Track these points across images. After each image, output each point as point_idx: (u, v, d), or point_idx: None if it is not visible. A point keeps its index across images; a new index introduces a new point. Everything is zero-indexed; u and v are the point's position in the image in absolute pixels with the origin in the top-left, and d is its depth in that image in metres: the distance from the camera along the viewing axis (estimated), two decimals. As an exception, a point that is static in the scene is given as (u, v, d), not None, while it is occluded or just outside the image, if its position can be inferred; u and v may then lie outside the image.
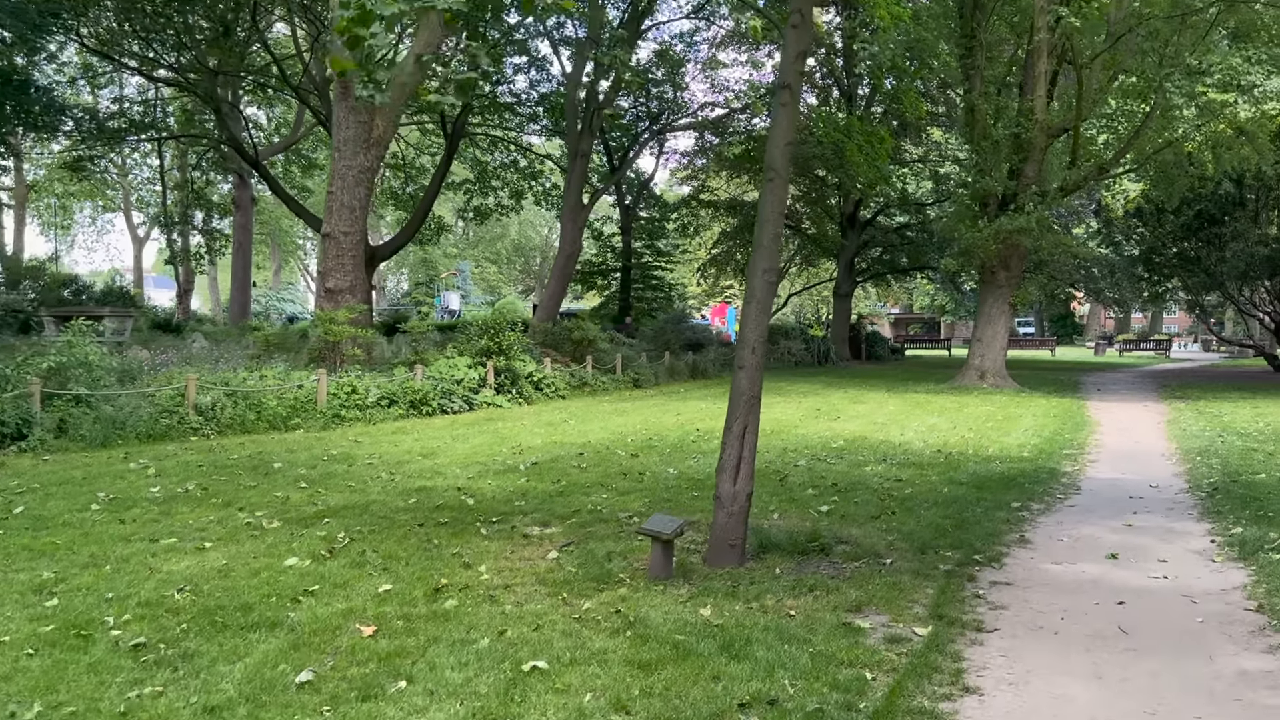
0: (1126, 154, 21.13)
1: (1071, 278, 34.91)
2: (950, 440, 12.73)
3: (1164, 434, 13.95)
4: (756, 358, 6.39)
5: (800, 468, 10.23)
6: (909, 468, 10.28)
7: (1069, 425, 14.89)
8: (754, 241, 6.41)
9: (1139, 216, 31.02)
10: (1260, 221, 27.84)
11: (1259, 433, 13.44)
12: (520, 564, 6.22)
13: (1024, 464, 10.68)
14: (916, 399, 19.52)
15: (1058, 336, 56.19)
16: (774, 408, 17.48)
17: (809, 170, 33.70)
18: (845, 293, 38.12)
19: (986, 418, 15.85)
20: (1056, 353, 46.85)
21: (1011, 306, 22.46)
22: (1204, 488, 9.05)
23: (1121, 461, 11.14)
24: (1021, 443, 12.55)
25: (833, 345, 36.88)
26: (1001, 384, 21.86)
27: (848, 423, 15.03)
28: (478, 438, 12.52)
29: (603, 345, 21.50)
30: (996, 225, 20.40)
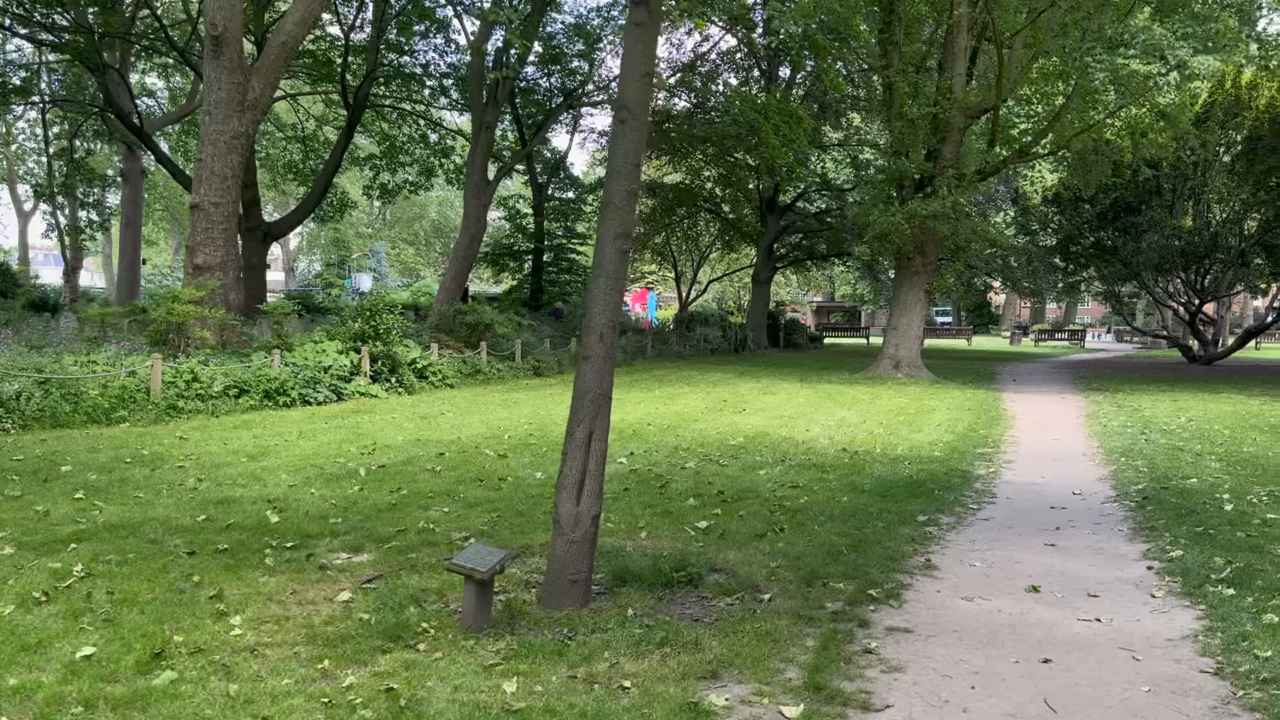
0: (1046, 136, 20.42)
1: (988, 266, 34.53)
2: (858, 437, 11.66)
3: (1084, 430, 13.13)
4: (606, 346, 5.09)
5: (687, 471, 9.00)
6: (809, 471, 9.13)
7: (984, 420, 14.00)
8: (603, 199, 5.11)
9: (1056, 205, 30.70)
10: (1175, 212, 27.65)
11: (1182, 430, 12.69)
12: (296, 610, 4.84)
13: (934, 465, 9.63)
14: (829, 390, 18.55)
15: (974, 326, 56.42)
16: (679, 399, 16.33)
17: (727, 153, 32.63)
18: (764, 279, 37.22)
19: (898, 411, 14.89)
20: (973, 342, 46.82)
21: (928, 294, 21.67)
22: (1132, 496, 8.08)
23: (1040, 463, 10.18)
24: (933, 440, 11.55)
25: (750, 333, 35.97)
26: (916, 374, 21.06)
27: (753, 416, 13.90)
28: (330, 434, 11.02)
29: (501, 330, 20.03)
30: (911, 209, 19.52)
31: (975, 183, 20.32)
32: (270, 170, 38.83)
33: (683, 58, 34.04)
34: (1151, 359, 33.88)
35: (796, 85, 35.04)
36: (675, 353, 30.53)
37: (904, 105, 19.97)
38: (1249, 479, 8.83)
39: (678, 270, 44.22)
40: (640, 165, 5.03)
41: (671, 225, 38.98)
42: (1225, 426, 13.03)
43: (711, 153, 33.51)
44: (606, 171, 5.12)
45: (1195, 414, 14.70)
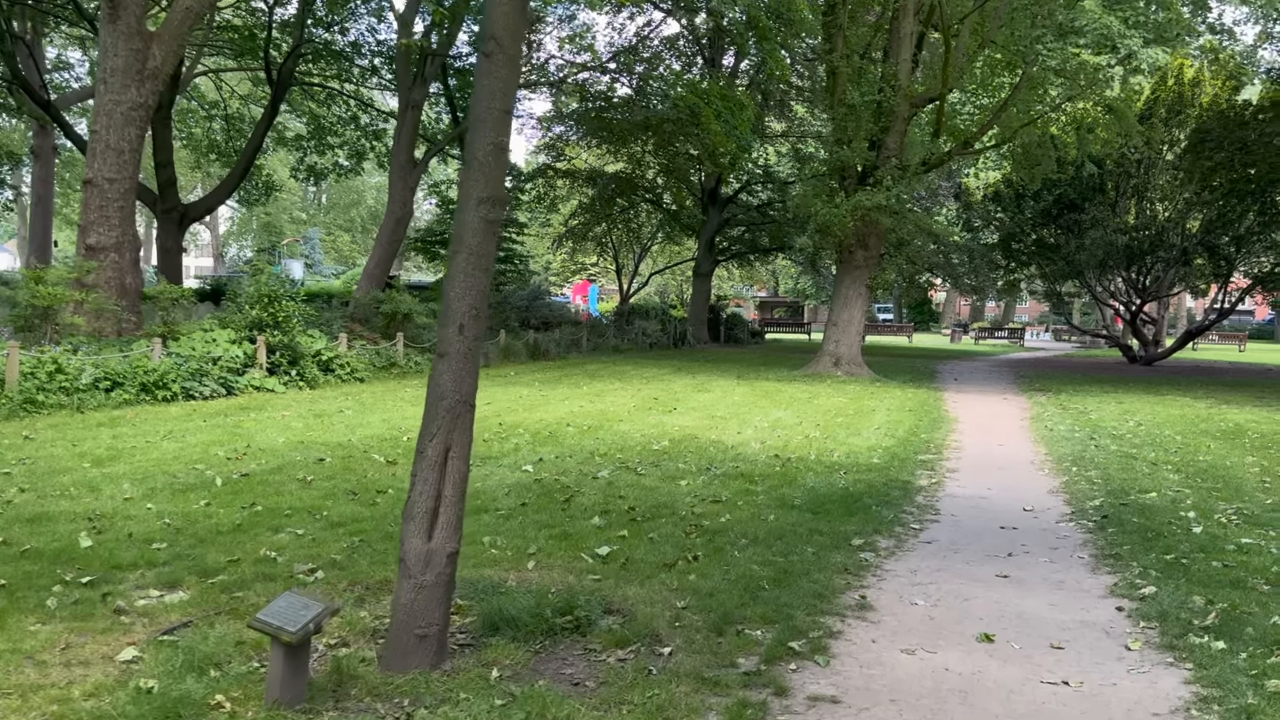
0: (992, 128, 19.80)
1: (930, 262, 34.09)
2: (792, 441, 10.77)
3: (1029, 435, 12.42)
4: (468, 341, 4.06)
5: (599, 482, 8.00)
6: (735, 481, 8.19)
7: (926, 422, 13.23)
8: (464, 156, 4.08)
9: (998, 201, 30.30)
10: (1118, 210, 27.36)
11: (1132, 435, 12.03)
12: (57, 675, 3.74)
13: (873, 475, 8.77)
14: (766, 387, 17.70)
15: (915, 323, 56.32)
16: (607, 396, 15.34)
17: (669, 141, 31.67)
18: (705, 272, 36.37)
19: (837, 411, 14.07)
20: (914, 339, 46.58)
21: (869, 289, 20.96)
22: (1089, 514, 7.28)
23: (986, 472, 9.38)
24: (872, 445, 10.71)
25: (690, 327, 35.10)
26: (856, 372, 20.33)
27: (683, 416, 12.96)
28: (203, 434, 9.80)
29: (421, 320, 18.80)
30: (854, 201, 18.74)
31: (919, 174, 19.62)
32: (194, 150, 37.06)
33: (625, 42, 33.05)
34: (1092, 358, 33.74)
35: (741, 74, 34.24)
36: (612, 346, 29.52)
37: (847, 92, 19.18)
38: (1212, 493, 8.10)
39: (619, 262, 43.20)
40: (511, 111, 4.00)
41: (612, 216, 37.91)
42: (1176, 432, 12.41)
43: (653, 142, 32.55)
44: (469, 119, 4.09)
45: (1143, 418, 14.12)
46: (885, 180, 18.78)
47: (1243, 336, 44.42)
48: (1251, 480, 8.77)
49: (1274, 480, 8.81)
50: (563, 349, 25.99)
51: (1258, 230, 25.01)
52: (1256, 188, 21.34)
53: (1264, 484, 8.62)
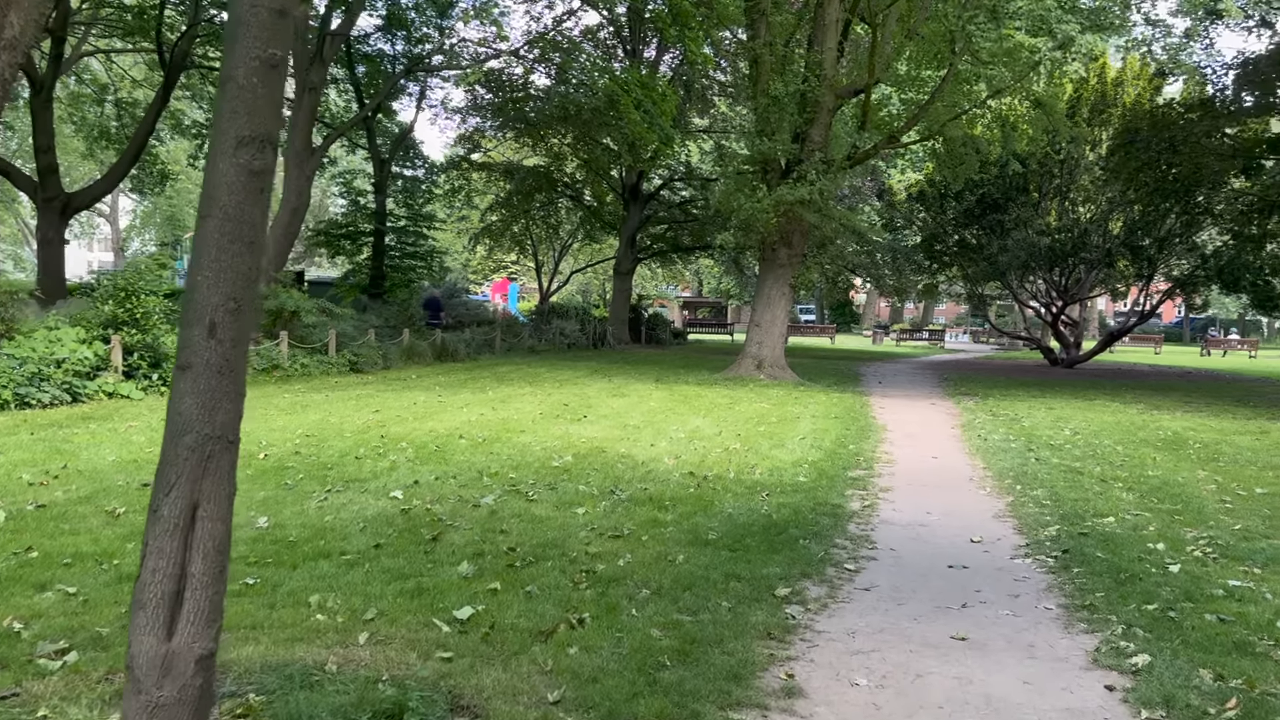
0: (919, 121, 19.07)
1: (854, 262, 33.56)
2: (710, 455, 9.67)
3: (963, 445, 11.55)
4: (223, 347, 2.77)
5: (480, 511, 6.76)
6: (643, 508, 7.04)
7: (853, 431, 12.28)
8: (220, 77, 2.83)
9: (921, 201, 29.85)
10: (1041, 210, 27.09)
11: (1070, 445, 11.24)
12: None
13: (799, 497, 7.70)
14: (686, 392, 16.62)
15: (837, 324, 56.14)
16: (513, 402, 14.07)
17: (589, 135, 30.49)
18: (626, 270, 35.23)
19: (760, 419, 13.04)
20: (836, 340, 46.24)
21: (793, 289, 20.06)
22: (1047, 546, 6.30)
23: (923, 492, 8.40)
24: (798, 459, 9.67)
25: (611, 327, 33.94)
26: (780, 375, 19.41)
27: (592, 425, 11.77)
28: (20, 451, 8.27)
29: (309, 319, 17.25)
30: (777, 195, 17.80)
31: (845, 168, 18.80)
32: (86, 138, 34.70)
33: (542, 29, 31.73)
34: (1013, 360, 33.59)
35: (663, 66, 33.23)
36: (528, 347, 28.20)
37: (770, 82, 18.23)
38: (1173, 518, 7.23)
39: (538, 260, 41.84)
40: (289, 14, 2.76)
41: (531, 212, 36.55)
42: (1115, 441, 11.68)
43: (572, 135, 31.33)
44: (227, 26, 2.83)
45: (1078, 425, 13.41)
46: (809, 174, 17.88)
47: (1159, 339, 45.12)
48: (1210, 500, 7.95)
49: (1234, 499, 8.01)
50: (473, 350, 24.58)
51: (1179, 231, 24.93)
52: (1180, 188, 21.13)
53: (1224, 504, 7.80)
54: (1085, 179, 26.74)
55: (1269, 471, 9.52)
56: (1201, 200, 22.45)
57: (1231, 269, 24.09)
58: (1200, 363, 36.48)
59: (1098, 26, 14.33)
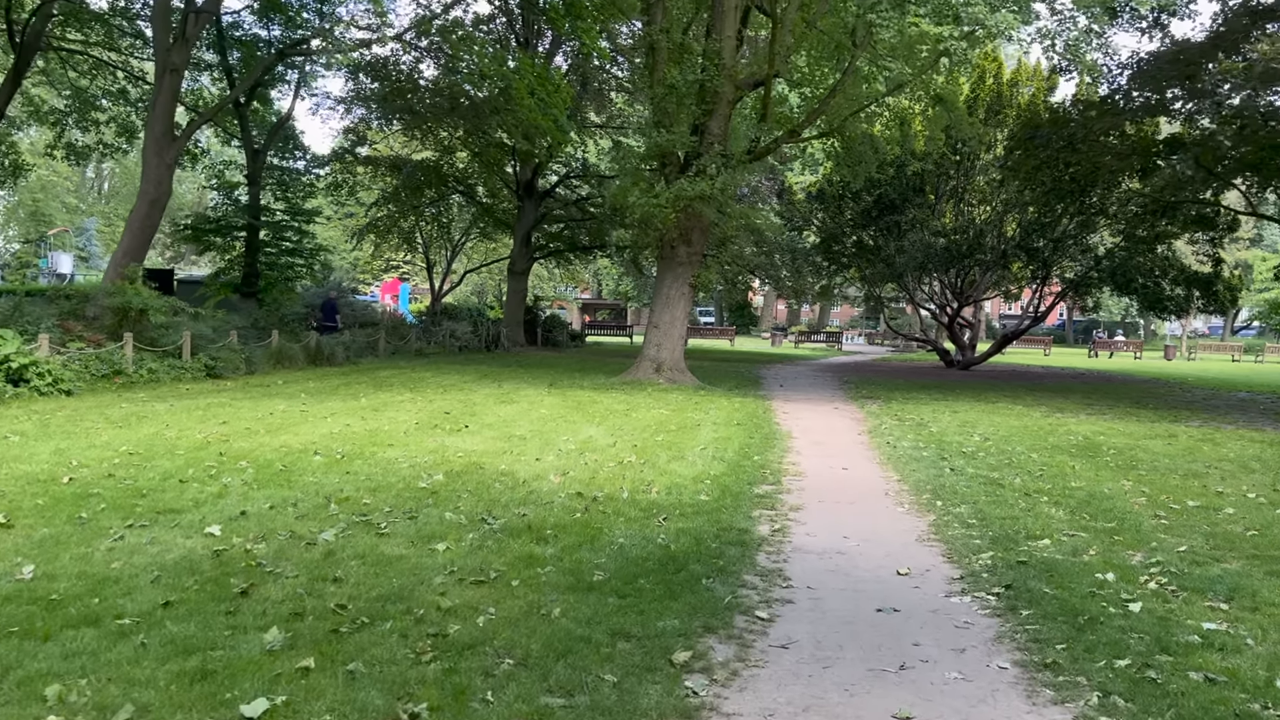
0: (821, 115, 18.44)
1: (752, 263, 33.05)
2: (602, 471, 8.62)
3: (873, 453, 10.80)
4: None
5: (316, 550, 5.55)
6: (518, 540, 5.94)
7: (757, 439, 11.41)
8: None
9: (820, 201, 29.48)
10: (937, 212, 26.97)
11: (983, 452, 10.60)
12: None
13: (701, 521, 6.72)
14: (580, 398, 15.55)
15: (736, 326, 55.92)
16: (388, 410, 12.78)
17: (481, 128, 29.10)
18: (521, 270, 33.93)
19: (658, 427, 12.06)
20: (735, 343, 45.86)
21: (693, 289, 19.20)
22: (984, 579, 5.45)
23: (837, 510, 7.53)
24: (699, 473, 8.71)
25: (505, 329, 32.61)
26: (679, 379, 18.52)
27: (473, 437, 10.59)
28: None
29: (160, 318, 15.52)
30: (675, 190, 16.90)
31: (745, 163, 18.02)
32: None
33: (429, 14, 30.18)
34: (909, 362, 33.59)
35: (559, 59, 32.09)
36: (415, 350, 26.70)
37: (667, 71, 17.33)
38: (1112, 538, 6.51)
39: (429, 259, 40.13)
40: None
41: (420, 208, 34.90)
42: (1028, 448, 11.11)
43: (464, 128, 29.90)
44: None
45: (985, 430, 12.86)
46: (708, 168, 17.03)
47: (1048, 341, 46.13)
48: (1145, 516, 7.30)
49: (1168, 515, 7.37)
50: (354, 353, 22.99)
51: (1074, 233, 25.08)
52: (1077, 188, 21.13)
53: (1160, 520, 7.15)
54: (981, 180, 26.75)
55: (1192, 480, 9.00)
56: (1096, 200, 22.55)
57: (1124, 271, 24.35)
58: (1089, 364, 37.29)
59: (1009, 6, 13.82)
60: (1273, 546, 6.37)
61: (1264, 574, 5.64)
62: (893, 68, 16.49)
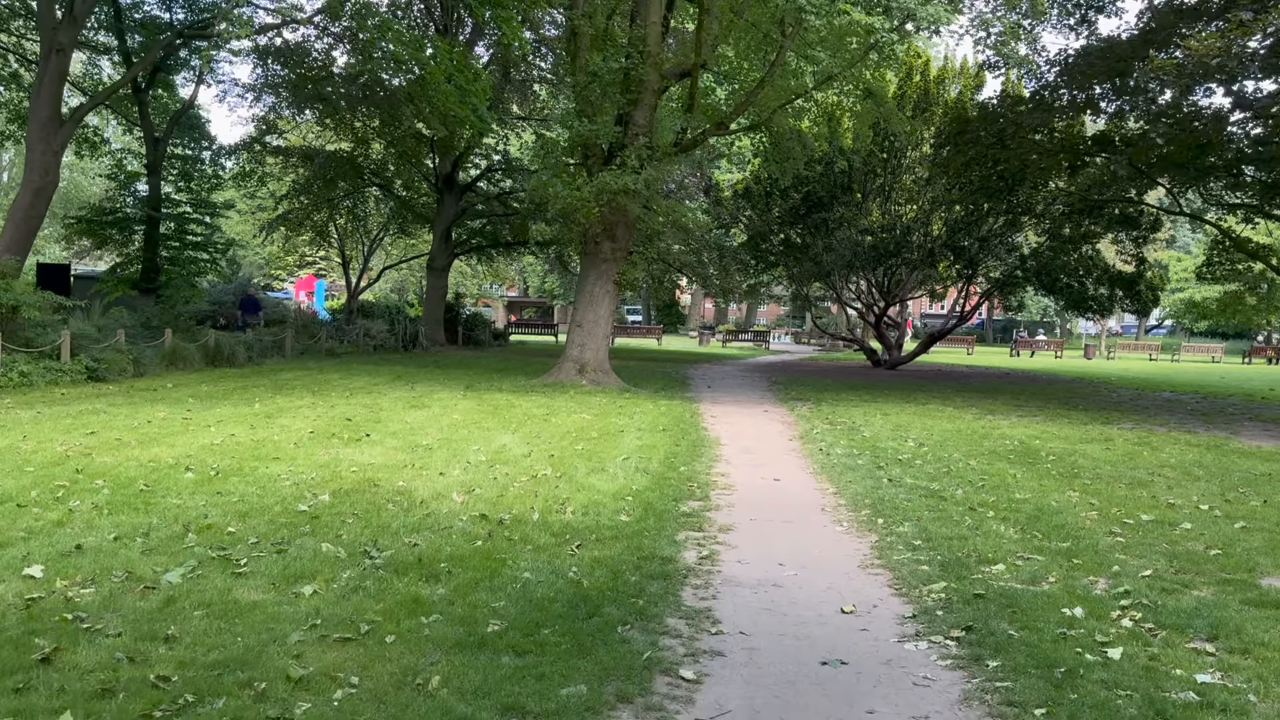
0: (749, 106, 17.82)
1: (680, 260, 32.43)
2: (513, 487, 7.79)
3: (806, 462, 10.16)
4: None
5: (156, 595, 4.61)
6: (403, 580, 5.08)
7: (684, 446, 10.69)
8: None
9: (747, 198, 28.98)
10: (864, 209, 26.68)
11: (919, 460, 10.05)
12: None
13: (620, 547, 5.95)
14: (497, 401, 14.66)
15: (664, 325, 55.37)
16: (283, 417, 11.74)
17: (397, 116, 27.85)
18: (441, 266, 32.71)
19: (578, 434, 11.26)
20: (663, 342, 45.26)
21: (618, 285, 18.42)
22: (940, 619, 4.78)
23: (770, 530, 6.83)
24: (620, 487, 7.94)
25: (424, 327, 31.40)
26: (603, 381, 17.74)
27: (373, 447, 9.65)
28: None
29: (33, 315, 14.15)
30: (598, 183, 16.11)
31: (672, 155, 17.31)
32: None
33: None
34: (836, 362, 33.36)
35: (479, 49, 31.00)
36: (326, 350, 25.39)
37: (590, 58, 16.52)
38: (1070, 562, 5.93)
39: (345, 255, 38.61)
40: None
41: (334, 201, 33.44)
42: (964, 454, 10.60)
43: (379, 117, 28.61)
44: None
45: (919, 434, 12.36)
46: (632, 160, 16.27)
47: (971, 340, 46.53)
48: (1098, 533, 6.75)
49: (1123, 531, 6.85)
50: (257, 354, 21.66)
51: (1000, 231, 25.00)
52: (1005, 185, 20.96)
53: (1116, 538, 6.61)
54: (908, 178, 26.54)
55: (1140, 490, 8.55)
56: (1022, 199, 22.45)
57: (1049, 270, 24.34)
58: (1012, 363, 37.60)
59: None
60: (1240, 568, 5.85)
61: (1240, 603, 5.10)
62: (822, 58, 15.94)
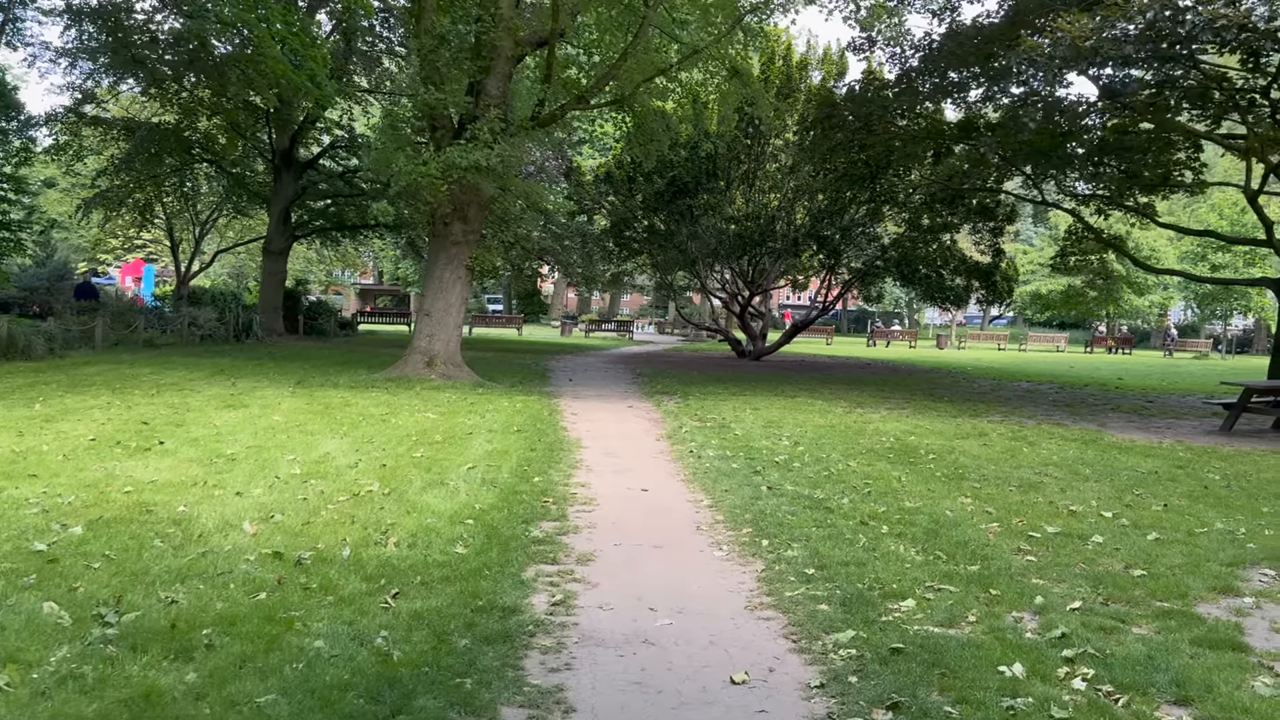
0: (610, 81, 16.69)
1: (540, 247, 31.08)
2: (328, 507, 6.42)
3: (675, 466, 9.12)
4: None
5: None
6: (138, 661, 3.69)
7: (540, 451, 9.49)
8: None
9: (609, 183, 27.90)
10: (728, 197, 26.02)
11: (797, 461, 9.17)
12: None
13: (450, 594, 4.71)
14: (331, 399, 13.06)
15: (525, 315, 53.85)
16: (61, 420, 9.97)
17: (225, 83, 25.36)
18: (279, 250, 30.26)
19: (420, 437, 9.89)
20: (524, 332, 43.81)
21: (470, 272, 16.97)
22: (855, 689, 3.73)
23: (638, 558, 5.72)
24: (460, 507, 6.68)
25: (259, 315, 28.97)
26: (455, 374, 16.30)
27: (163, 459, 8.05)
28: None
29: None
30: (447, 157, 14.65)
31: (529, 129, 15.99)
32: None
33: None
34: (701, 352, 32.74)
35: (321, 15, 28.72)
36: (145, 340, 22.88)
37: (437, 19, 15.02)
38: (985, 590, 5.06)
39: (174, 238, 35.47)
40: None
41: (159, 178, 30.47)
42: (842, 454, 9.81)
43: (208, 87, 26.03)
44: None
45: (792, 431, 11.56)
46: (485, 134, 14.89)
47: (830, 330, 47.00)
48: (1006, 550, 5.95)
49: (1032, 548, 6.07)
50: (62, 345, 19.18)
51: (863, 221, 24.78)
52: (869, 172, 20.60)
53: (1027, 559, 5.82)
54: (772, 166, 26.03)
55: (1033, 495, 7.88)
56: (885, 187, 22.20)
57: (909, 261, 24.27)
58: (871, 353, 38.02)
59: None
60: (1171, 593, 5.11)
61: (1191, 645, 4.31)
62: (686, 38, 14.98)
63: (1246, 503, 7.76)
